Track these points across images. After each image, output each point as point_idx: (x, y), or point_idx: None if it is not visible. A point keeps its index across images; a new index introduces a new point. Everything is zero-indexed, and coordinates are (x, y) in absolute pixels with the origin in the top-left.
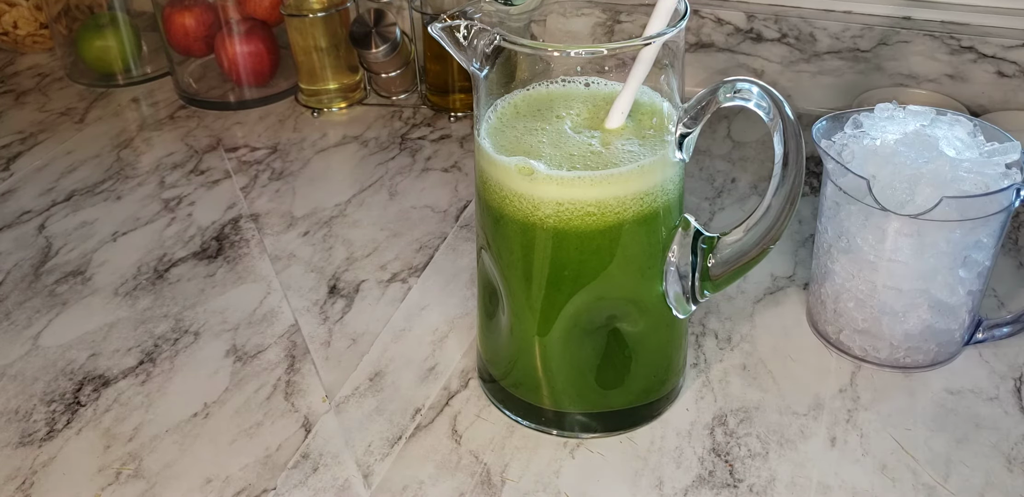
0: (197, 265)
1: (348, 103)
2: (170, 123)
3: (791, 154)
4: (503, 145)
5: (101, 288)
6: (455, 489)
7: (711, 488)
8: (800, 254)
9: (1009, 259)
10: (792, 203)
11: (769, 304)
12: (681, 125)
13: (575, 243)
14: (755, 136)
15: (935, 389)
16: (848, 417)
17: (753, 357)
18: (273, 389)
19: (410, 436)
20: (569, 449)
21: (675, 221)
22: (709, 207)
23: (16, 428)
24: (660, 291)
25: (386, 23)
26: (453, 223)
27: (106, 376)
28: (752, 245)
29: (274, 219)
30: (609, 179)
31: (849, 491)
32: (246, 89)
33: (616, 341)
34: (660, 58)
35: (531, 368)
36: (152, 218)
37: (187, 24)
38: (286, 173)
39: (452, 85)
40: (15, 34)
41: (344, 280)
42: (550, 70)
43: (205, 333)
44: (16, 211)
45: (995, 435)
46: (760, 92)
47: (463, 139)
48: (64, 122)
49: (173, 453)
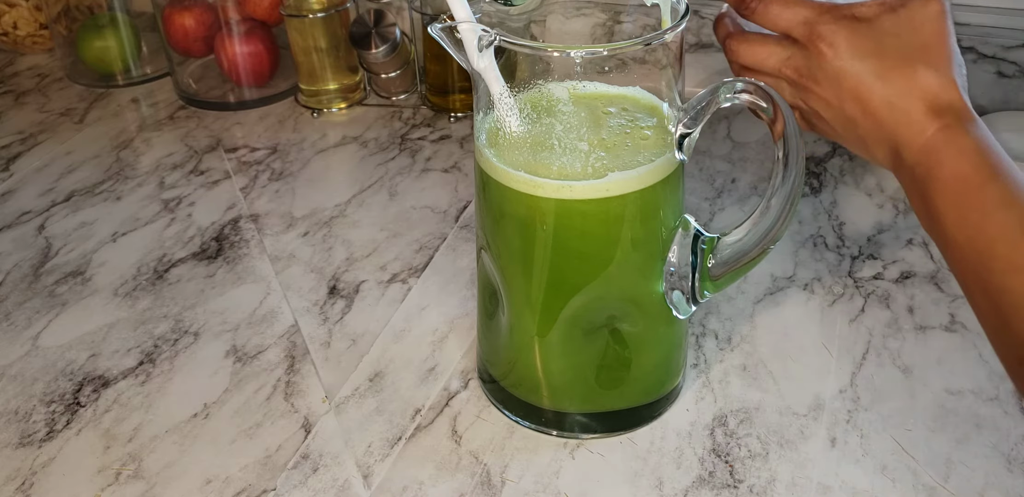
0: (197, 265)
1: (348, 103)
2: (170, 123)
3: (791, 154)
4: (503, 146)
5: (101, 288)
6: (455, 489)
7: (711, 489)
8: (800, 254)
9: None
10: (792, 203)
11: (769, 304)
12: (681, 125)
13: (575, 244)
14: (755, 136)
15: (935, 389)
16: (848, 417)
17: (753, 357)
18: (273, 390)
19: (410, 437)
20: (569, 450)
21: (675, 221)
22: (709, 207)
23: (16, 428)
24: (660, 291)
25: (386, 23)
26: (453, 223)
27: (106, 377)
28: (752, 245)
29: (274, 219)
30: (609, 180)
31: (849, 491)
32: (246, 89)
33: (616, 341)
34: (660, 58)
35: (531, 368)
36: (152, 218)
37: (187, 24)
38: (286, 173)
39: (452, 85)
40: (15, 35)
41: (344, 280)
42: (550, 70)
43: (205, 333)
44: (16, 211)
45: (995, 435)
46: (760, 92)
47: (463, 139)
48: (64, 122)
49: (173, 454)
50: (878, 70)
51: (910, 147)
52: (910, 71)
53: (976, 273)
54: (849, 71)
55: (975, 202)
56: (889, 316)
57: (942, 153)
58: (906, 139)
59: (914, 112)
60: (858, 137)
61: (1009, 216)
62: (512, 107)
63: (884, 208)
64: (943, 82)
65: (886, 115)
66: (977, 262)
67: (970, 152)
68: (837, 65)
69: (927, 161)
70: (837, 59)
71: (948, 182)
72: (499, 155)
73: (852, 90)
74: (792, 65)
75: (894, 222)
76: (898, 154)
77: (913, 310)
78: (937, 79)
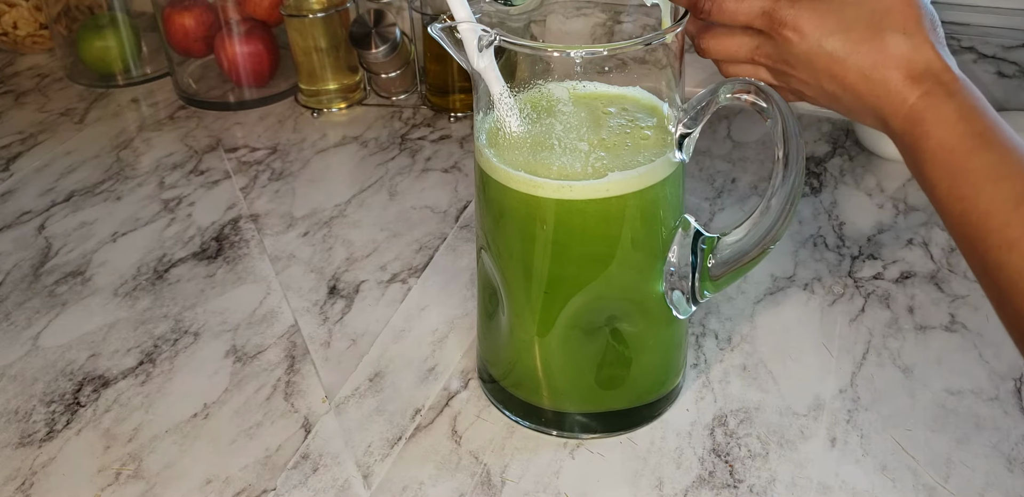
0: (197, 265)
1: (348, 103)
2: (170, 123)
3: (791, 154)
4: (503, 146)
5: (101, 288)
6: (455, 490)
7: (711, 489)
8: (800, 254)
9: None
10: (792, 203)
11: (769, 304)
12: (681, 125)
13: (575, 243)
14: (755, 136)
15: (935, 389)
16: (848, 417)
17: (753, 357)
18: (273, 390)
19: (410, 437)
20: (569, 450)
21: (675, 221)
22: (709, 207)
23: (16, 428)
24: (660, 291)
25: (386, 23)
26: (453, 223)
27: (106, 376)
28: (752, 245)
29: (274, 219)
30: (609, 180)
31: (849, 492)
32: (246, 89)
33: (616, 341)
34: (660, 58)
35: (531, 368)
36: (152, 218)
37: (187, 24)
38: (286, 173)
39: (452, 85)
40: (15, 34)
41: (344, 280)
42: (550, 70)
43: (205, 333)
44: (16, 211)
45: (995, 435)
46: (760, 92)
47: (463, 139)
48: (64, 122)
49: (173, 454)
50: (846, 45)
51: (895, 117)
52: (879, 41)
53: (973, 247)
54: (818, 52)
55: (964, 174)
56: (889, 316)
57: (926, 123)
58: (889, 110)
59: (892, 82)
60: (845, 109)
61: (999, 189)
62: (512, 107)
63: (884, 208)
64: (915, 43)
65: (865, 89)
66: (973, 237)
67: (954, 121)
68: (805, 48)
69: (913, 131)
70: (804, 42)
71: (936, 153)
72: (499, 155)
73: (826, 70)
74: (763, 53)
75: (894, 222)
76: (886, 123)
77: (913, 310)
78: (908, 43)
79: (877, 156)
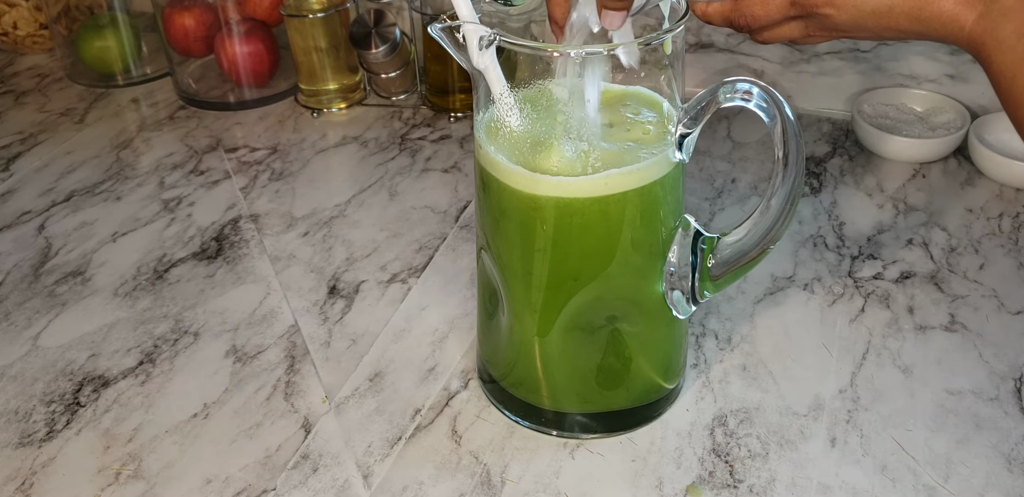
0: (197, 265)
1: (348, 103)
2: (170, 123)
3: (791, 154)
4: (503, 144)
5: (101, 288)
6: (455, 490)
7: (711, 489)
8: (800, 254)
9: (1009, 259)
10: (792, 203)
11: (769, 304)
12: (681, 125)
13: (575, 243)
14: (755, 136)
15: (935, 389)
16: (848, 417)
17: (753, 357)
18: (273, 390)
19: (410, 437)
20: (569, 450)
21: (675, 221)
22: (709, 207)
23: (16, 428)
24: (660, 291)
25: (386, 23)
26: (453, 223)
27: (106, 376)
28: (752, 245)
29: (274, 219)
30: (609, 180)
31: (849, 492)
32: (246, 89)
33: (616, 341)
34: (660, 58)
35: (531, 368)
36: (152, 218)
37: (187, 24)
38: (286, 173)
39: (452, 85)
40: (15, 34)
41: (344, 280)
42: (550, 70)
43: (205, 333)
44: (16, 211)
45: (995, 435)
46: (760, 92)
47: (463, 139)
48: (64, 122)
49: (173, 454)
50: (888, 1)
51: (959, 43)
52: None
53: None
54: (862, 14)
55: None
56: (889, 316)
57: (987, 48)
58: (951, 40)
59: (945, 13)
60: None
61: None
62: (512, 106)
63: (884, 208)
64: None
65: (922, 28)
66: None
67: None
68: (848, 17)
69: (978, 55)
70: (843, 13)
71: (999, 79)
72: (499, 154)
73: (877, 25)
74: (814, 30)
75: (894, 222)
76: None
77: (913, 310)
78: None
79: (877, 156)
